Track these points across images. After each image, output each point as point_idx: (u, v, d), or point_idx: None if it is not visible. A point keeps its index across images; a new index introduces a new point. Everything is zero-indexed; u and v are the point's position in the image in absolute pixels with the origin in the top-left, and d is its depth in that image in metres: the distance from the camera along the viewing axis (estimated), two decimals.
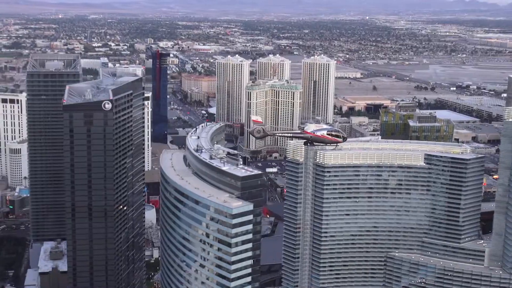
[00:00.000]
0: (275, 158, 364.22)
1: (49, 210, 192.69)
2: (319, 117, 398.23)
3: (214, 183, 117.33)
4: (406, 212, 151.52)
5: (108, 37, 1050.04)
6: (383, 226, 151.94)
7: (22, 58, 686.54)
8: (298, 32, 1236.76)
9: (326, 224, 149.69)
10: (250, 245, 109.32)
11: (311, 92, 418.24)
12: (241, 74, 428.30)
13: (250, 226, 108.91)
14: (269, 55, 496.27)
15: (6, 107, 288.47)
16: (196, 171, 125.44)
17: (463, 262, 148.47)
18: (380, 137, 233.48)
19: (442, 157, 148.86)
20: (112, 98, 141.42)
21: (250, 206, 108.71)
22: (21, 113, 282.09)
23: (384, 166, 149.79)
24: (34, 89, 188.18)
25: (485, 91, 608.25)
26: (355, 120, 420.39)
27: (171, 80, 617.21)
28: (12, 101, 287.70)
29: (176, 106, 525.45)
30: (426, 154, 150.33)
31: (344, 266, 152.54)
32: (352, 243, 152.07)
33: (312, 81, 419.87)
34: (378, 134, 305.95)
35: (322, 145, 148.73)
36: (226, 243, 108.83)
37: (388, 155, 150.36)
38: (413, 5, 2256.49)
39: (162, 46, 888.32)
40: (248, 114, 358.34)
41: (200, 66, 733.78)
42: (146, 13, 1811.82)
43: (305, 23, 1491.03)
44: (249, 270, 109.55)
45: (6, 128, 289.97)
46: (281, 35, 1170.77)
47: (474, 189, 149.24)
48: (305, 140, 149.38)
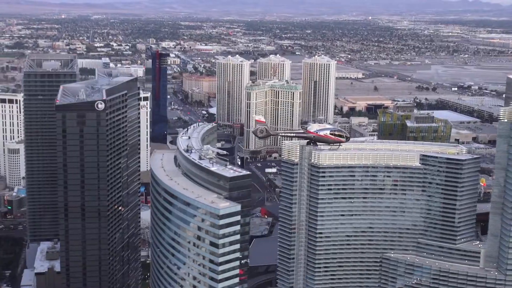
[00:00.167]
0: (275, 158, 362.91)
1: (46, 210, 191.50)
2: (322, 116, 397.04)
3: (203, 184, 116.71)
4: (401, 212, 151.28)
5: (110, 37, 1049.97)
6: (379, 226, 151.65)
7: (24, 58, 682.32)
8: (300, 32, 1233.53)
9: (321, 224, 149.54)
10: (238, 246, 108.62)
11: (312, 92, 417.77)
12: (241, 74, 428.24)
13: (238, 227, 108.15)
14: (270, 56, 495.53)
15: (4, 107, 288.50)
16: (185, 172, 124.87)
17: (459, 263, 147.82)
18: (376, 137, 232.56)
19: (437, 157, 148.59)
20: (105, 98, 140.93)
21: (237, 207, 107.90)
22: (19, 113, 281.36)
23: (379, 167, 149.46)
24: (31, 89, 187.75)
25: (486, 92, 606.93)
26: (355, 120, 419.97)
27: (173, 80, 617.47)
28: (10, 101, 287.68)
29: (176, 106, 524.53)
30: (421, 155, 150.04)
31: (339, 267, 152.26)
32: (347, 244, 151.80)
33: (312, 81, 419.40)
34: (375, 135, 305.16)
35: (325, 144, 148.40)
36: (213, 244, 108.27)
37: (383, 156, 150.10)
38: (416, 5, 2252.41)
39: (164, 46, 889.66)
40: (248, 114, 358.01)
41: (201, 66, 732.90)
42: (149, 13, 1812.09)
43: (307, 23, 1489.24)
44: (237, 271, 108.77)
45: (5, 128, 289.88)
46: (283, 35, 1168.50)
47: (470, 189, 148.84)
48: (308, 140, 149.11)
